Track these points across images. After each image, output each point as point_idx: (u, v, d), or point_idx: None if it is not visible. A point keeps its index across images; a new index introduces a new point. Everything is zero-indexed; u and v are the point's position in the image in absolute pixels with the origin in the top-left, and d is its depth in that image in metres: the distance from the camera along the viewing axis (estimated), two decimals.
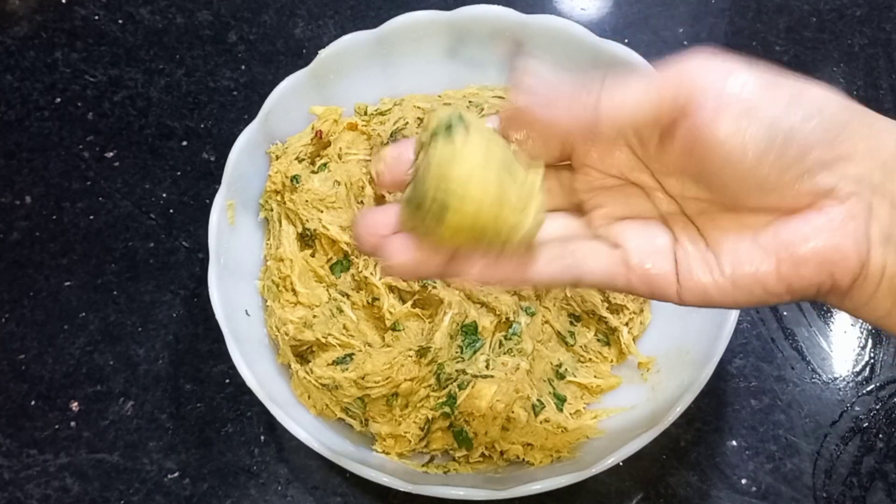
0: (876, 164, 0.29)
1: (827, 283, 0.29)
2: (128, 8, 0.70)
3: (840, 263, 0.29)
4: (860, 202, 0.29)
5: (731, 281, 0.30)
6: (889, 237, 0.29)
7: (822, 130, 0.28)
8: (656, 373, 0.52)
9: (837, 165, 0.29)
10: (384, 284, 0.51)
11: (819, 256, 0.29)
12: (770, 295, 0.30)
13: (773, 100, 0.29)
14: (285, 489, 0.52)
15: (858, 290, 0.29)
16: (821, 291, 0.30)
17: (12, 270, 0.60)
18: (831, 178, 0.29)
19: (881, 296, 0.29)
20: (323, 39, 0.67)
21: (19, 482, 0.53)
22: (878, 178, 0.29)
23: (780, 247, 0.29)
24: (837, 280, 0.29)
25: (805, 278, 0.29)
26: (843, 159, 0.29)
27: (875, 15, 0.68)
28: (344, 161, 0.55)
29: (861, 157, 0.29)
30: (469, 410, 0.48)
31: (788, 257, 0.29)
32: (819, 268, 0.29)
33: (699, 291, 0.31)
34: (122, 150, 0.64)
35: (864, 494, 0.51)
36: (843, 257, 0.29)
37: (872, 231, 0.29)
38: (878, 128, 0.29)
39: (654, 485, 0.52)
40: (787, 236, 0.29)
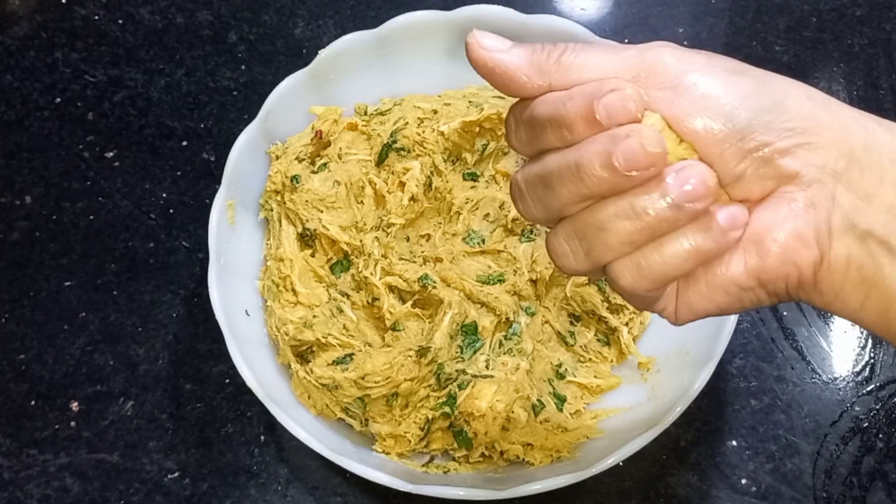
0: (841, 153, 0.28)
1: (794, 275, 0.29)
2: (128, 8, 0.70)
3: (801, 252, 0.28)
4: (822, 190, 0.28)
5: (706, 285, 0.30)
6: (852, 226, 0.28)
7: (783, 119, 0.28)
8: (656, 373, 0.52)
9: (800, 152, 0.28)
10: (384, 284, 0.51)
11: (781, 245, 0.28)
12: (745, 291, 0.29)
13: (734, 89, 0.29)
14: (285, 489, 0.52)
15: (824, 282, 0.29)
16: (790, 284, 0.29)
17: (12, 270, 0.60)
18: (795, 163, 0.28)
19: (850, 288, 0.29)
20: (323, 39, 0.67)
21: (19, 482, 0.53)
22: (842, 166, 0.28)
23: (745, 240, 0.29)
24: (802, 271, 0.29)
25: (770, 270, 0.29)
26: (805, 147, 0.28)
27: (875, 15, 0.68)
28: (344, 161, 0.55)
29: (825, 145, 0.28)
30: (469, 410, 0.48)
31: (753, 248, 0.29)
32: (783, 257, 0.28)
33: (686, 308, 0.31)
34: (122, 150, 0.64)
35: (864, 494, 0.51)
36: (803, 245, 0.28)
37: (834, 220, 0.28)
38: (845, 117, 0.29)
39: (654, 485, 0.52)
40: (750, 229, 0.29)
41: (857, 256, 0.28)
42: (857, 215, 0.28)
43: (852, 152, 0.29)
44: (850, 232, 0.28)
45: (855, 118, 0.29)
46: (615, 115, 0.28)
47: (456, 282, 0.51)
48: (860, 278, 0.29)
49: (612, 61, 0.29)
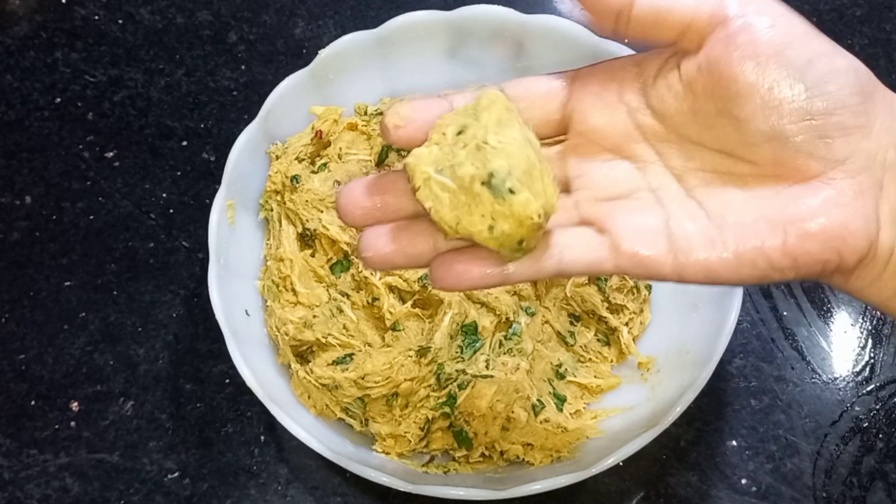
0: (890, 141, 0.28)
1: (833, 261, 0.28)
2: (128, 8, 0.70)
3: (848, 240, 0.28)
4: (870, 178, 0.28)
5: (734, 255, 0.29)
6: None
7: (852, 91, 0.28)
8: (656, 373, 0.52)
9: (854, 136, 0.28)
10: (384, 284, 0.51)
11: (826, 232, 0.28)
12: (774, 270, 0.29)
13: (813, 45, 0.28)
14: (285, 489, 0.52)
15: (865, 269, 0.29)
16: (826, 270, 0.29)
17: (12, 270, 0.60)
18: (846, 149, 0.28)
19: (888, 276, 0.29)
20: (323, 39, 0.67)
21: (19, 482, 0.53)
22: (891, 155, 0.28)
23: (788, 220, 0.28)
24: (844, 258, 0.28)
25: (811, 254, 0.28)
26: (861, 130, 0.28)
27: (875, 15, 0.68)
28: (344, 161, 0.55)
29: (877, 133, 0.28)
30: (469, 410, 0.48)
31: (795, 231, 0.28)
32: (826, 244, 0.28)
33: (701, 268, 0.30)
34: (122, 150, 0.64)
35: (864, 494, 0.51)
36: (850, 234, 0.28)
37: (882, 210, 0.28)
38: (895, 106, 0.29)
39: (654, 485, 0.52)
40: (794, 209, 0.28)
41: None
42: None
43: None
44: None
45: None
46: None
47: None
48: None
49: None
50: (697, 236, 0.30)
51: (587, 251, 0.31)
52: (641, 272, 0.31)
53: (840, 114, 0.28)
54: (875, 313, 0.57)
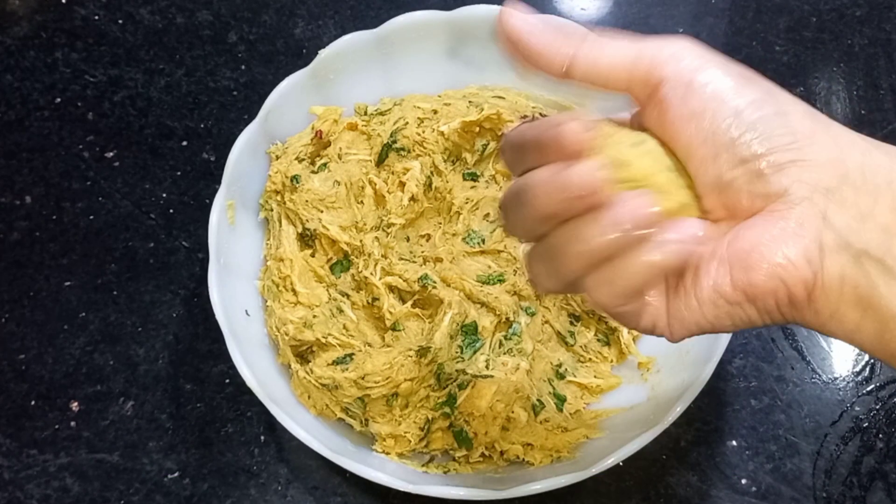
0: (835, 172, 0.29)
1: (782, 292, 0.29)
2: (128, 8, 0.70)
3: (789, 269, 0.28)
4: (811, 208, 0.28)
5: (696, 300, 0.30)
6: (846, 245, 0.28)
7: (782, 132, 0.29)
8: (656, 373, 0.52)
9: (792, 170, 0.28)
10: (384, 284, 0.51)
11: (768, 262, 0.28)
12: (733, 307, 0.30)
13: (742, 94, 0.29)
14: (285, 489, 0.52)
15: (819, 301, 0.29)
16: (780, 303, 0.29)
17: (12, 270, 0.60)
18: (784, 180, 0.28)
19: (846, 308, 0.29)
20: (323, 39, 0.68)
21: (19, 482, 0.53)
22: (834, 185, 0.28)
23: (733, 255, 0.29)
24: (790, 288, 0.28)
25: (758, 286, 0.29)
26: (799, 164, 0.28)
27: (875, 15, 0.68)
28: (344, 161, 0.55)
29: (819, 164, 0.29)
30: (469, 410, 0.48)
31: (738, 263, 0.29)
32: (769, 274, 0.28)
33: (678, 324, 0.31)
34: (122, 150, 0.64)
35: (864, 494, 0.51)
36: (791, 263, 0.28)
37: (826, 238, 0.28)
38: (844, 141, 0.29)
39: (654, 485, 0.52)
40: (738, 245, 0.29)
41: (852, 276, 0.28)
42: (851, 234, 0.28)
43: (847, 173, 0.29)
44: (845, 251, 0.28)
45: (854, 141, 0.30)
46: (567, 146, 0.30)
47: (456, 282, 0.51)
48: (856, 298, 0.29)
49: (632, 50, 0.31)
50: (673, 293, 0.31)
51: None
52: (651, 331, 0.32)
53: (771, 154, 0.29)
54: None
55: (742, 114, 0.29)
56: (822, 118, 0.30)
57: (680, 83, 0.29)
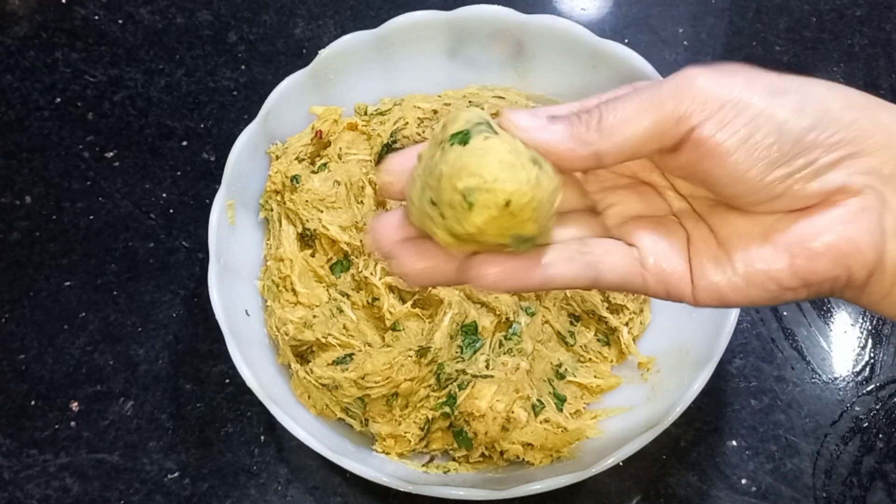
0: (888, 156, 0.28)
1: (843, 277, 0.29)
2: (128, 8, 0.70)
3: (855, 256, 0.28)
4: (873, 193, 0.28)
5: (744, 279, 0.30)
6: None
7: (827, 135, 0.28)
8: (656, 373, 0.52)
9: (845, 163, 0.28)
10: (384, 284, 0.51)
11: (833, 250, 0.28)
12: (786, 290, 0.30)
13: (779, 106, 0.28)
14: (285, 489, 0.52)
15: (876, 283, 0.29)
16: (836, 286, 0.29)
17: (12, 270, 0.60)
18: (840, 176, 0.28)
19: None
20: (323, 39, 0.68)
21: (19, 482, 0.53)
22: (889, 169, 0.28)
23: (793, 242, 0.29)
24: (854, 273, 0.29)
25: (820, 273, 0.29)
26: (851, 157, 0.28)
27: (875, 15, 0.68)
28: (344, 161, 0.55)
29: (870, 151, 0.28)
30: (469, 410, 0.48)
31: (802, 252, 0.29)
32: (834, 261, 0.28)
33: (713, 291, 0.31)
34: (122, 150, 0.64)
35: (864, 494, 0.51)
36: (857, 250, 0.28)
37: (887, 222, 0.28)
38: (885, 122, 0.29)
39: (654, 485, 0.52)
40: (799, 231, 0.29)
41: None
42: None
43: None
44: None
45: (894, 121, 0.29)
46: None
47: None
48: None
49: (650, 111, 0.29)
50: (709, 259, 0.31)
51: (622, 262, 0.32)
52: (664, 291, 0.31)
53: (822, 158, 0.28)
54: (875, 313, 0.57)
55: (784, 131, 0.28)
56: (860, 100, 0.29)
57: (711, 123, 0.28)
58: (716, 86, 0.29)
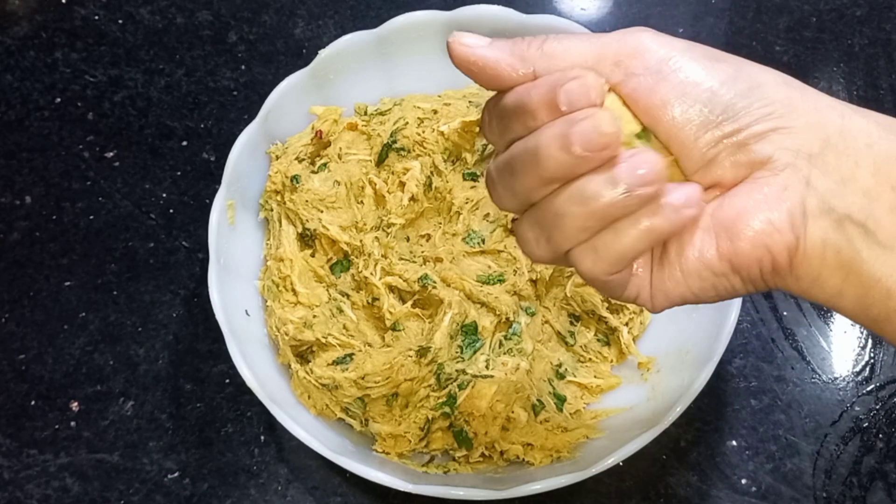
0: (816, 137, 0.29)
1: (767, 260, 0.29)
2: (128, 8, 0.70)
3: (774, 236, 0.28)
4: (795, 174, 0.28)
5: (681, 271, 0.30)
6: (829, 210, 0.28)
7: (759, 104, 0.29)
8: (656, 373, 0.52)
9: (774, 137, 0.29)
10: (384, 284, 0.51)
11: (752, 229, 0.28)
12: (718, 277, 0.30)
13: (712, 75, 0.29)
14: (285, 489, 0.52)
15: (801, 267, 0.29)
16: (764, 270, 0.29)
17: (12, 270, 0.60)
18: (768, 148, 0.29)
19: (828, 272, 0.29)
20: (323, 39, 0.67)
21: (19, 482, 0.53)
22: (816, 150, 0.29)
23: (717, 224, 0.29)
24: (775, 255, 0.29)
25: (743, 254, 0.29)
26: (780, 131, 0.29)
27: (875, 15, 0.68)
28: (344, 161, 0.55)
29: (800, 130, 0.29)
30: (469, 410, 0.48)
31: (724, 232, 0.29)
32: (754, 242, 0.29)
33: (661, 295, 0.31)
34: (122, 150, 0.64)
35: (864, 494, 0.51)
36: (776, 229, 0.28)
37: (809, 203, 0.28)
38: (822, 105, 0.29)
39: (654, 485, 0.52)
40: (722, 213, 0.29)
41: (834, 240, 0.28)
42: (834, 199, 0.28)
43: (827, 137, 0.29)
44: (827, 216, 0.28)
45: (831, 105, 0.30)
46: (576, 101, 0.28)
47: (456, 282, 0.51)
48: (838, 263, 0.29)
49: (593, 46, 0.30)
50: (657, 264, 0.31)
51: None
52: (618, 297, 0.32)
53: (752, 126, 0.29)
54: None
55: (717, 94, 0.29)
56: (797, 84, 0.30)
57: (648, 73, 0.29)
58: (658, 44, 0.30)
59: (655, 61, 0.29)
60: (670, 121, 0.29)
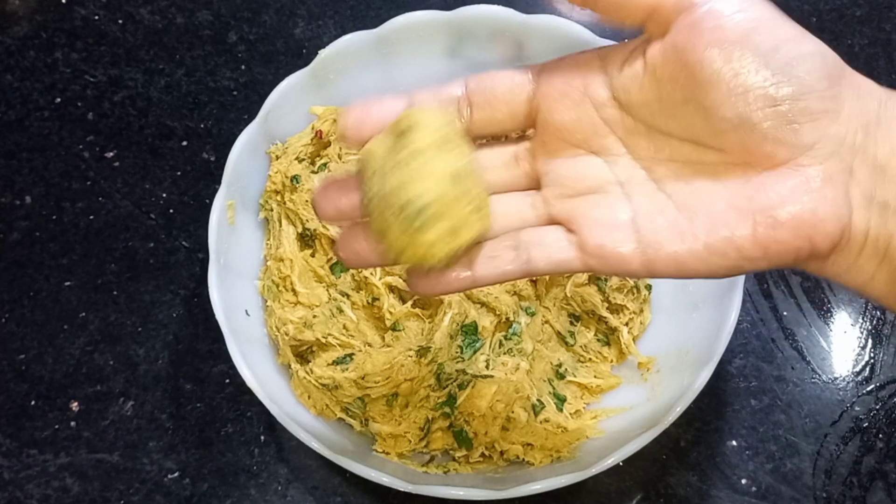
0: (859, 124, 0.28)
1: (805, 248, 0.28)
2: (128, 8, 0.70)
3: (819, 227, 0.28)
4: (840, 163, 0.28)
5: (704, 246, 0.29)
6: (871, 199, 0.28)
7: (819, 76, 0.28)
8: (656, 373, 0.52)
9: (822, 121, 0.28)
10: (384, 284, 0.51)
11: (796, 220, 0.28)
12: (745, 260, 0.29)
13: (778, 30, 0.28)
14: (285, 489, 0.52)
15: (840, 254, 0.29)
16: (799, 257, 0.29)
17: (12, 270, 0.60)
18: (814, 134, 0.28)
19: (865, 260, 0.29)
20: (323, 39, 0.67)
21: (19, 482, 0.53)
22: (859, 139, 0.28)
23: (757, 209, 0.28)
24: (816, 245, 0.28)
25: (782, 243, 0.28)
26: (828, 115, 0.28)
27: (875, 15, 0.68)
28: (344, 161, 0.55)
29: (845, 116, 0.28)
30: (469, 410, 0.48)
31: (764, 220, 0.28)
32: (797, 232, 0.28)
33: (671, 261, 0.30)
34: (122, 150, 0.64)
35: (864, 494, 0.51)
36: (821, 221, 0.28)
37: (853, 193, 0.28)
38: (863, 89, 0.29)
39: (654, 485, 0.52)
40: (763, 198, 0.28)
41: (876, 230, 0.28)
42: (875, 188, 0.28)
43: (868, 124, 0.28)
44: (870, 205, 0.28)
45: (871, 91, 0.29)
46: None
47: None
48: (875, 251, 0.28)
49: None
50: (667, 229, 0.30)
51: (555, 250, 0.32)
52: (609, 268, 0.31)
53: (807, 99, 0.27)
54: (875, 313, 0.57)
55: (779, 51, 0.27)
56: (843, 64, 0.29)
57: (713, 10, 0.28)
58: None
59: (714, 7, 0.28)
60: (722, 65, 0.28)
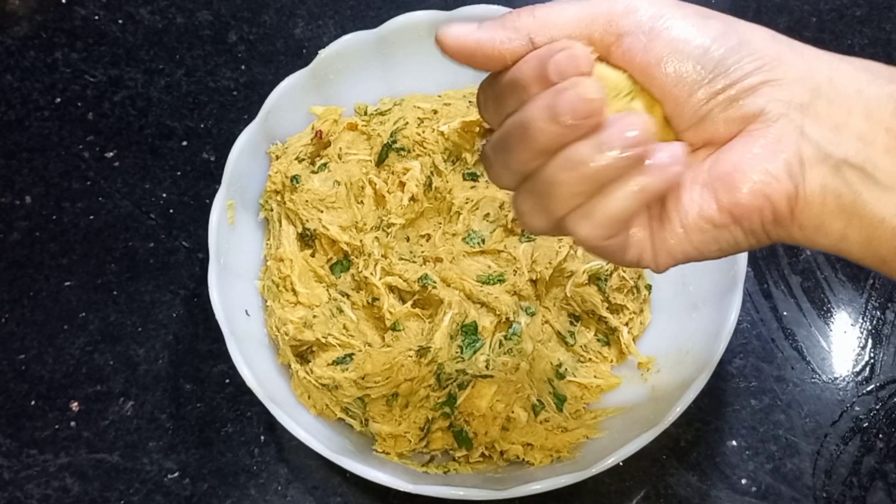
0: (807, 87, 0.29)
1: (767, 209, 0.29)
2: (128, 8, 0.70)
3: (772, 185, 0.29)
4: (789, 124, 0.29)
5: (682, 227, 0.31)
6: (826, 157, 0.29)
7: (749, 59, 0.29)
8: (656, 373, 0.52)
9: (765, 89, 0.29)
10: (384, 284, 0.51)
11: (749, 180, 0.29)
12: (720, 229, 0.30)
13: (703, 32, 0.30)
14: (285, 489, 0.52)
15: (802, 215, 0.30)
16: (765, 220, 0.30)
17: (12, 270, 0.60)
18: (760, 101, 0.29)
19: (830, 218, 0.29)
20: (323, 39, 0.68)
21: (19, 482, 0.53)
22: (807, 100, 0.29)
23: (716, 178, 0.30)
24: (775, 204, 0.29)
25: (743, 205, 0.29)
26: (771, 84, 0.29)
27: (875, 15, 0.68)
28: (344, 161, 0.55)
29: (791, 81, 0.29)
30: (469, 410, 0.48)
31: (722, 186, 0.30)
32: (753, 192, 0.29)
33: (665, 254, 0.31)
34: (122, 150, 0.64)
35: (864, 494, 0.51)
36: (773, 178, 0.29)
37: (805, 151, 0.29)
38: (809, 56, 0.30)
39: (654, 485, 0.52)
40: (720, 167, 0.30)
41: (833, 185, 0.29)
42: (829, 145, 0.29)
43: (818, 86, 0.29)
44: (824, 162, 0.29)
45: (819, 55, 0.30)
46: (565, 72, 0.29)
47: (456, 282, 0.51)
48: (839, 207, 0.29)
49: (585, 8, 0.31)
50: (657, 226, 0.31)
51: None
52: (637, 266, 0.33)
53: (742, 80, 0.29)
54: (875, 313, 0.57)
55: (708, 50, 0.29)
56: (784, 38, 0.31)
57: (641, 32, 0.30)
58: (648, 2, 0.30)
59: (647, 19, 0.30)
60: (664, 78, 0.30)
